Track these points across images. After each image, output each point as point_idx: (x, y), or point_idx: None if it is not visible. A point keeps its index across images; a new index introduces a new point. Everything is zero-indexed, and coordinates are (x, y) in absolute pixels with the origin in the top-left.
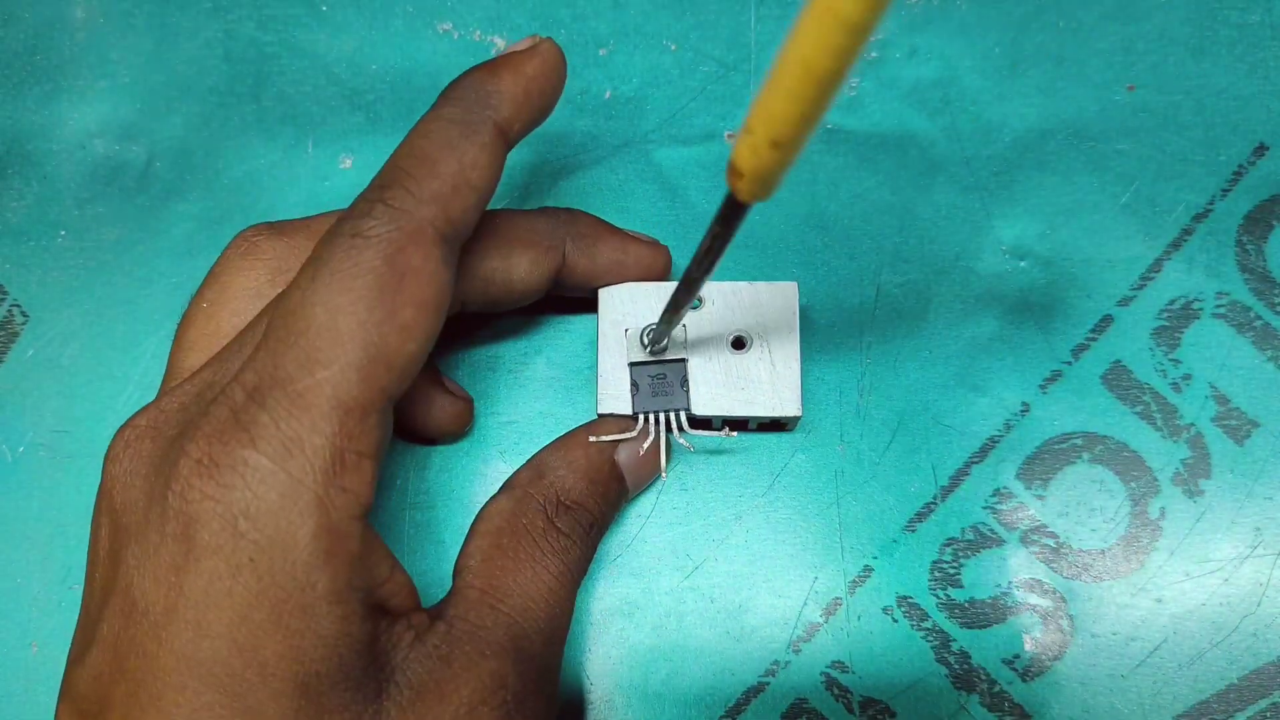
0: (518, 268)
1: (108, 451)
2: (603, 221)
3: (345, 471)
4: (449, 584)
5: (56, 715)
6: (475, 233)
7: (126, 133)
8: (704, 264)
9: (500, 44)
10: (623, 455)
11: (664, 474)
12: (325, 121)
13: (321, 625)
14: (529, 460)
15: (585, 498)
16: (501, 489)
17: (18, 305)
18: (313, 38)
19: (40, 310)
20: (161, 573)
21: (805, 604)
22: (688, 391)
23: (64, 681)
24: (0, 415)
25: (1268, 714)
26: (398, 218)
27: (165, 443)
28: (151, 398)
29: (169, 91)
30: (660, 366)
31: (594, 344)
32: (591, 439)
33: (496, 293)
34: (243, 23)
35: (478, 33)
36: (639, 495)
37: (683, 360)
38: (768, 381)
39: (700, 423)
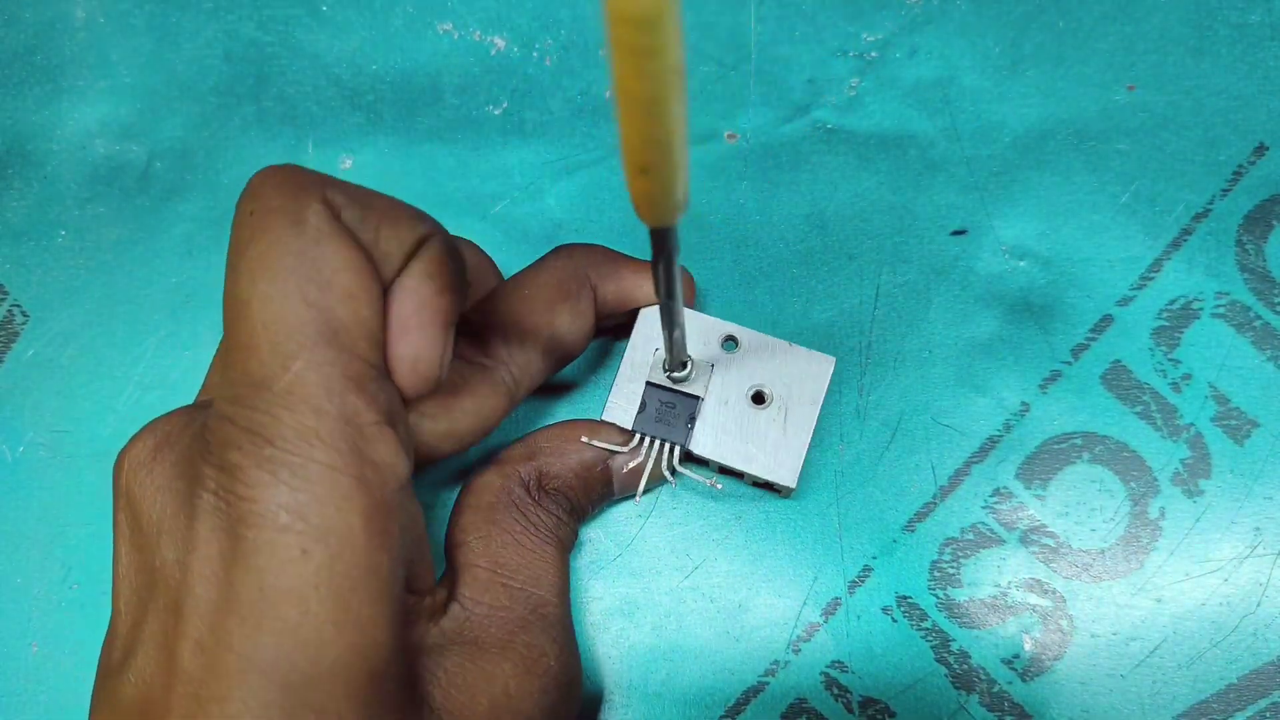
0: (562, 325)
1: (126, 453)
2: (613, 251)
3: (370, 444)
4: None
5: None
6: (512, 315)
7: (127, 133)
8: (660, 292)
9: (500, 44)
10: (615, 461)
11: (638, 499)
12: (325, 122)
13: (390, 609)
14: (523, 438)
15: (569, 487)
16: (489, 462)
17: (18, 305)
18: (313, 38)
19: (40, 310)
20: (209, 571)
21: (805, 604)
22: (691, 429)
23: (99, 694)
24: (0, 415)
25: (1267, 714)
26: (288, 188)
27: (180, 453)
28: (152, 398)
29: (169, 92)
30: (674, 396)
31: (602, 350)
32: (584, 439)
33: (558, 356)
34: (243, 23)
35: (478, 33)
36: (627, 497)
37: (698, 398)
38: (773, 444)
39: (697, 461)
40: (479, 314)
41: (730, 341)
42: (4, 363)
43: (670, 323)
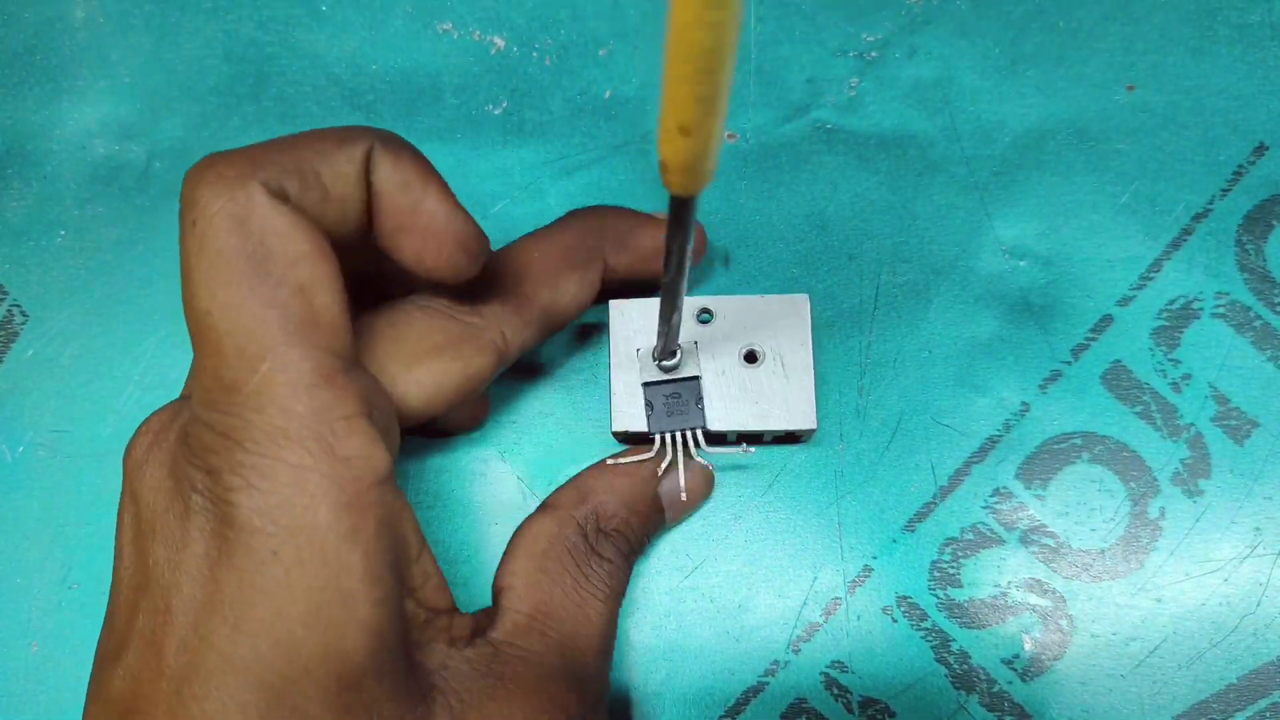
0: (566, 293)
1: (129, 449)
2: (632, 211)
3: (341, 439)
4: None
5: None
6: (516, 275)
7: (126, 133)
8: (671, 266)
9: (500, 44)
10: (664, 487)
11: (684, 494)
12: (325, 121)
13: (362, 610)
14: (570, 481)
15: (625, 525)
16: (542, 508)
17: (17, 305)
18: (312, 38)
19: (40, 310)
20: (195, 569)
21: (805, 604)
22: (703, 409)
23: (93, 686)
24: (0, 415)
25: (1267, 714)
26: (221, 187)
27: (168, 453)
28: (151, 398)
29: (169, 92)
30: (674, 385)
31: (596, 343)
32: (610, 462)
33: (555, 323)
34: (242, 23)
35: (477, 33)
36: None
37: (696, 378)
38: (781, 394)
39: (716, 438)
40: (483, 270)
41: (705, 314)
42: (3, 363)
43: (672, 305)
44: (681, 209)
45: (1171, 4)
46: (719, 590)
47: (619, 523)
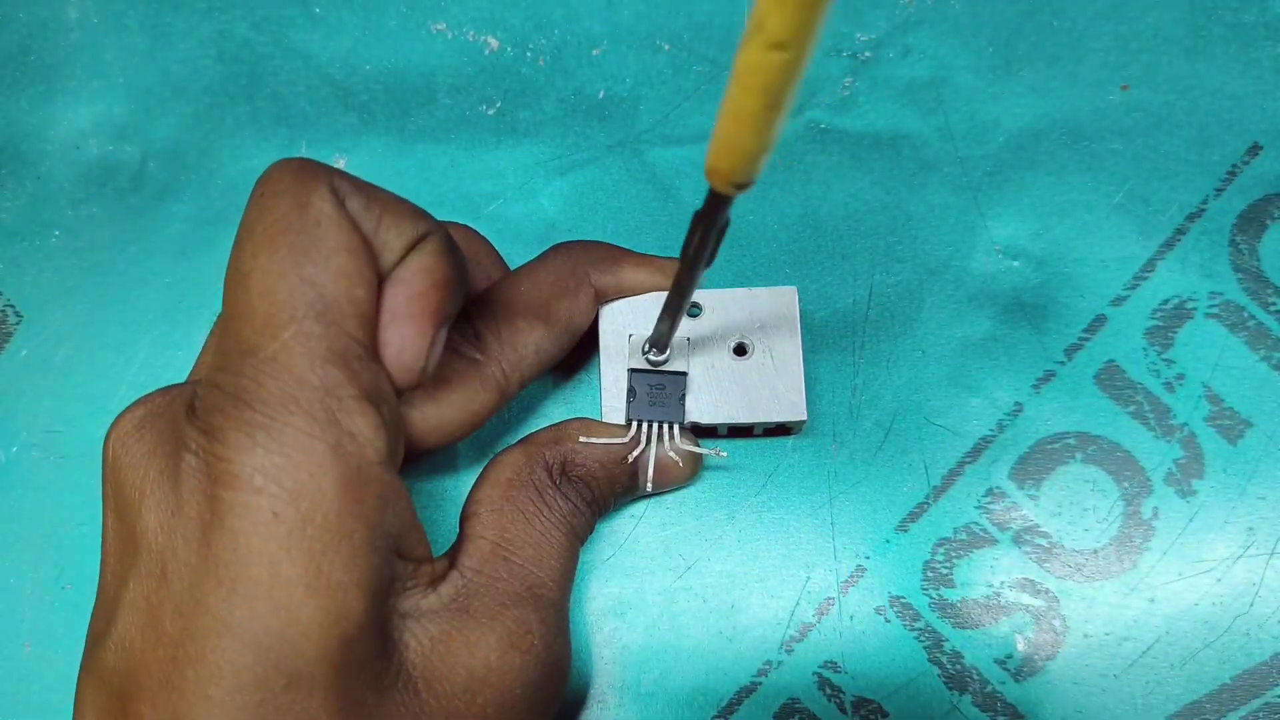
0: (559, 321)
1: (109, 435)
2: (613, 245)
3: (348, 415)
4: None
5: (79, 702)
6: (508, 312)
7: (120, 133)
8: (688, 265)
9: (493, 44)
10: (641, 460)
11: (649, 485)
12: (319, 122)
13: (365, 576)
14: (555, 424)
15: (592, 476)
16: (518, 442)
17: (11, 305)
18: (306, 38)
19: (34, 310)
20: (190, 532)
21: (798, 604)
22: (683, 406)
23: (85, 665)
24: None
25: (1260, 714)
26: (297, 175)
27: (168, 422)
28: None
29: (162, 92)
30: (660, 377)
31: (591, 345)
32: (582, 440)
33: (551, 353)
34: (236, 23)
35: (471, 33)
36: (647, 497)
37: (683, 374)
38: (770, 387)
39: (706, 432)
40: (475, 308)
41: (694, 308)
42: None
43: (679, 306)
44: (720, 206)
45: (1166, 4)
46: (712, 590)
47: (585, 472)
